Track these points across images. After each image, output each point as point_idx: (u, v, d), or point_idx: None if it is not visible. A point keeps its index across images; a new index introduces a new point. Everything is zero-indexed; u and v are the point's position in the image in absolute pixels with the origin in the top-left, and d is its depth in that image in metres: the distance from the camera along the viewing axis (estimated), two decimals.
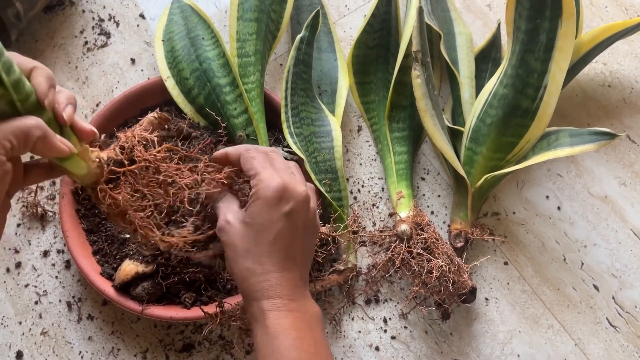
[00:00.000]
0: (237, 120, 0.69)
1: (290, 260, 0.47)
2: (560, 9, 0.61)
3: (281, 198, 0.46)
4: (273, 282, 0.46)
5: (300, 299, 0.47)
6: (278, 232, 0.46)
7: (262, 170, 0.46)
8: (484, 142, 0.69)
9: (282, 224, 0.46)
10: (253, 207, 0.46)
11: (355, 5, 0.84)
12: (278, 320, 0.45)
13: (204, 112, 0.71)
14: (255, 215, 0.46)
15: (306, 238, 0.49)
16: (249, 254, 0.46)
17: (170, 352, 0.67)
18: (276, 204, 0.45)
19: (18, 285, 0.69)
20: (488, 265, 0.72)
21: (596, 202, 0.74)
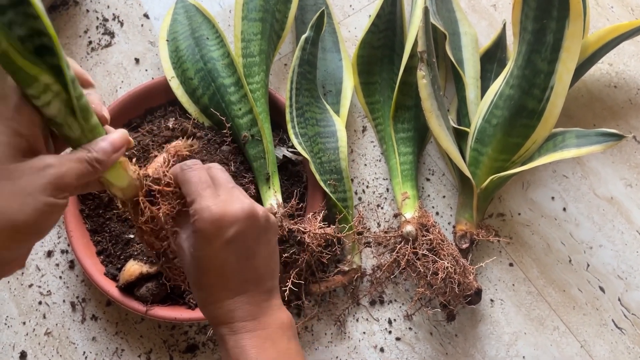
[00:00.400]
0: (241, 120, 0.68)
1: (243, 283, 0.45)
2: (567, 9, 0.61)
3: (220, 227, 0.43)
4: (226, 309, 0.45)
5: (259, 316, 0.46)
6: (223, 262, 0.44)
7: (197, 197, 0.43)
8: (489, 142, 0.69)
9: (226, 253, 0.44)
10: (194, 240, 0.44)
11: (360, 5, 0.84)
12: (236, 344, 0.44)
13: (208, 113, 0.71)
14: (198, 249, 0.44)
15: (261, 252, 0.46)
16: (199, 284, 0.45)
17: (174, 352, 0.66)
18: (216, 235, 0.43)
19: (22, 285, 0.69)
20: (493, 267, 0.71)
21: (602, 203, 0.74)
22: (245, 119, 0.68)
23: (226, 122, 0.68)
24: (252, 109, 0.68)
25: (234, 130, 0.69)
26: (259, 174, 0.67)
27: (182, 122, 0.70)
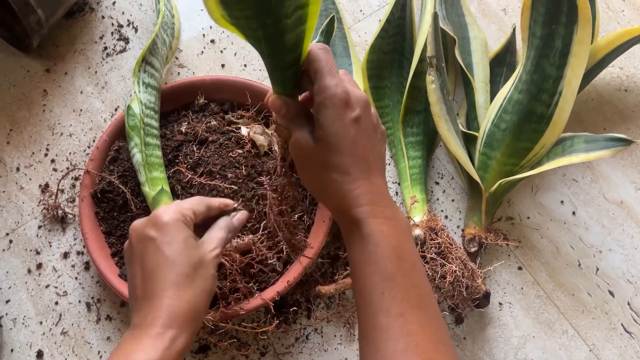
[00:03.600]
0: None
1: (373, 165, 0.46)
2: (576, 15, 0.61)
3: (346, 104, 0.45)
4: (364, 189, 0.45)
5: (392, 206, 0.46)
6: (354, 139, 0.45)
7: (326, 75, 0.45)
8: (498, 147, 0.69)
9: (354, 130, 0.45)
10: (322, 118, 0.45)
11: (370, 10, 0.84)
12: (377, 227, 0.44)
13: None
14: (326, 126, 0.44)
15: (378, 142, 0.48)
16: (330, 167, 0.45)
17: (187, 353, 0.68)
18: (343, 111, 0.44)
19: (39, 285, 0.71)
20: (502, 270, 0.72)
21: (612, 207, 0.74)
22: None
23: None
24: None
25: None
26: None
27: (194, 126, 0.71)
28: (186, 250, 0.48)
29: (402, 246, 0.44)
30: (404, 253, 0.44)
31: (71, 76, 0.80)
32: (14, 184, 0.75)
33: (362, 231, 0.44)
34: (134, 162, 0.67)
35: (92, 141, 0.77)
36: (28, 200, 0.74)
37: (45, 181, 0.75)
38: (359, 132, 0.45)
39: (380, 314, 0.42)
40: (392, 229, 0.44)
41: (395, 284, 0.42)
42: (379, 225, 0.44)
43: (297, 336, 0.68)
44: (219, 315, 0.61)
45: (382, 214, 0.44)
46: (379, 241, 0.43)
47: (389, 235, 0.44)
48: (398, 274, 0.43)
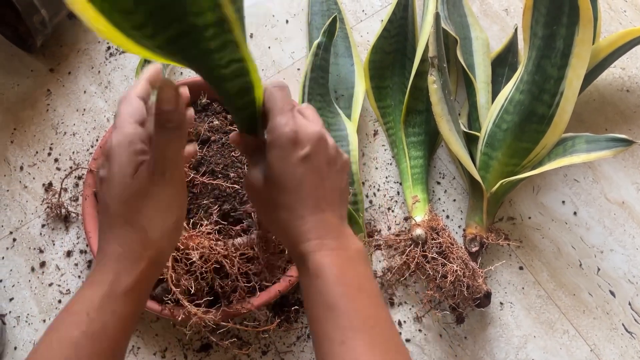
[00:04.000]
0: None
1: (321, 201, 0.46)
2: (577, 16, 0.61)
3: (295, 143, 0.45)
4: (308, 225, 0.45)
5: (339, 237, 0.46)
6: (300, 178, 0.45)
7: (276, 115, 0.45)
8: (499, 147, 0.69)
9: (301, 169, 0.45)
10: (270, 158, 0.45)
11: (372, 10, 0.85)
12: (320, 260, 0.45)
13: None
14: (273, 166, 0.45)
15: (333, 177, 0.47)
16: (278, 205, 0.46)
17: (189, 351, 0.68)
18: (291, 150, 0.45)
19: (42, 284, 0.71)
20: (503, 270, 0.72)
21: (613, 207, 0.74)
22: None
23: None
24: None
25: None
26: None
27: (197, 125, 0.72)
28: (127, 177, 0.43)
29: (346, 274, 0.45)
30: (347, 280, 0.44)
31: (75, 76, 0.81)
32: (18, 183, 0.75)
33: (307, 265, 0.45)
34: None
35: (95, 140, 0.77)
36: (32, 199, 0.75)
37: (49, 180, 0.75)
38: (307, 171, 0.45)
39: (325, 344, 0.43)
40: (336, 259, 0.45)
41: (338, 311, 0.43)
42: (323, 257, 0.45)
43: (299, 335, 0.68)
44: (220, 314, 0.62)
45: (327, 247, 0.45)
46: (321, 273, 0.44)
47: (332, 265, 0.44)
48: (340, 301, 0.43)
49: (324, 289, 0.44)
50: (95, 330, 0.39)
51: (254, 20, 0.83)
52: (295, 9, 0.84)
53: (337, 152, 0.48)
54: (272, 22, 0.83)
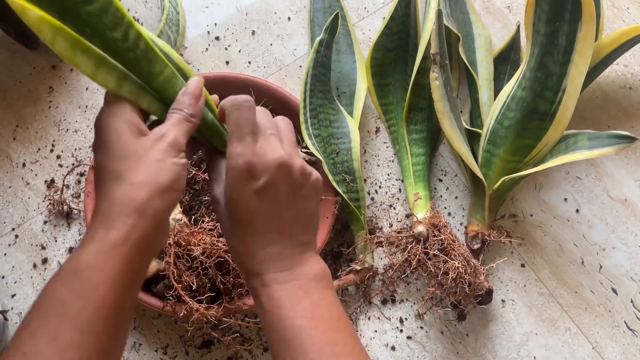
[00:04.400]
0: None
1: (274, 234, 0.44)
2: (579, 12, 0.61)
3: (250, 174, 0.43)
4: (258, 259, 0.44)
5: (292, 267, 0.44)
6: (253, 211, 0.43)
7: (234, 142, 0.43)
8: (501, 144, 0.69)
9: (256, 202, 0.43)
10: (226, 186, 0.44)
11: (375, 7, 0.85)
12: (270, 295, 0.43)
13: None
14: (228, 195, 0.44)
15: (296, 204, 0.45)
16: (232, 234, 0.45)
17: (190, 348, 0.68)
18: (245, 183, 0.43)
19: (44, 280, 0.71)
20: (505, 267, 0.72)
21: (616, 205, 0.74)
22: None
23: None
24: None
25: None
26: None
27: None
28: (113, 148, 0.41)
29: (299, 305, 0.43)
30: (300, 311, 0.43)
31: (77, 73, 0.81)
32: (20, 180, 0.75)
33: (259, 300, 0.44)
34: None
35: None
36: (34, 196, 0.75)
37: (51, 177, 0.76)
38: (260, 204, 0.43)
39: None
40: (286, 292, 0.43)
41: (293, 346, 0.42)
42: (271, 293, 0.43)
43: None
44: (222, 310, 0.62)
45: (276, 281, 0.44)
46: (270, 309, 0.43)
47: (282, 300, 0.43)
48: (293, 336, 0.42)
49: (277, 325, 0.43)
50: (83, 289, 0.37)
51: (255, 17, 0.83)
52: (297, 6, 0.84)
53: (304, 175, 0.45)
54: (274, 19, 0.83)
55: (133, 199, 0.39)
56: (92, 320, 0.37)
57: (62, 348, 0.36)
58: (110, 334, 0.38)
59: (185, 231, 0.62)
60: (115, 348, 0.39)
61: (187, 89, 0.44)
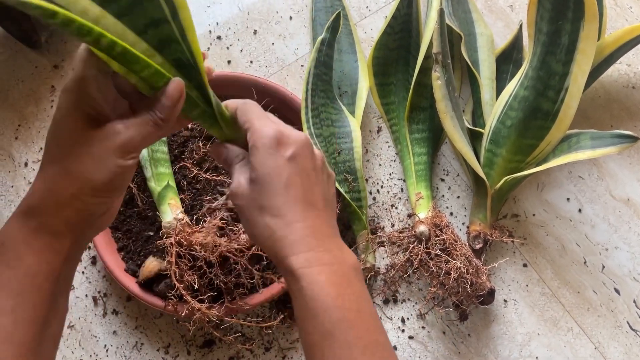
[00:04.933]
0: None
1: (311, 205, 0.42)
2: (582, 11, 0.61)
3: (279, 143, 0.42)
4: (299, 233, 0.41)
5: (333, 249, 0.42)
6: (288, 178, 0.42)
7: (255, 120, 0.43)
8: (504, 144, 0.69)
9: (288, 169, 0.42)
10: (254, 160, 0.42)
11: (377, 6, 0.84)
12: (313, 278, 0.40)
13: None
14: (258, 167, 0.42)
15: (321, 182, 0.44)
16: (264, 210, 0.42)
17: (192, 347, 0.68)
18: (276, 150, 0.42)
19: None
20: (507, 267, 0.72)
21: (618, 204, 0.74)
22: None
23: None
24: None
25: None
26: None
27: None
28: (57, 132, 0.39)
29: (343, 295, 0.40)
30: (345, 302, 0.40)
31: None
32: (22, 179, 0.76)
33: (299, 284, 0.40)
34: (139, 158, 0.67)
35: None
36: None
37: None
38: (294, 172, 0.42)
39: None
40: (331, 277, 0.41)
41: (335, 339, 0.39)
42: (316, 275, 0.40)
43: None
44: (223, 310, 0.62)
45: (320, 261, 0.41)
46: (316, 294, 0.40)
47: (327, 285, 0.40)
48: (338, 328, 0.39)
49: (320, 314, 0.40)
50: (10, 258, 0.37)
51: (257, 16, 0.83)
52: (299, 5, 0.84)
53: (324, 163, 0.46)
54: (276, 18, 0.83)
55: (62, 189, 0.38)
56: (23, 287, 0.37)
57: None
58: (45, 302, 0.38)
59: (187, 231, 0.62)
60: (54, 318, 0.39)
61: (167, 90, 0.39)
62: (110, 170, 0.38)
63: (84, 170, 0.38)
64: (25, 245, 0.37)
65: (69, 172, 0.38)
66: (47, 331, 0.38)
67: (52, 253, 0.38)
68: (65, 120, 0.38)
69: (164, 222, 0.64)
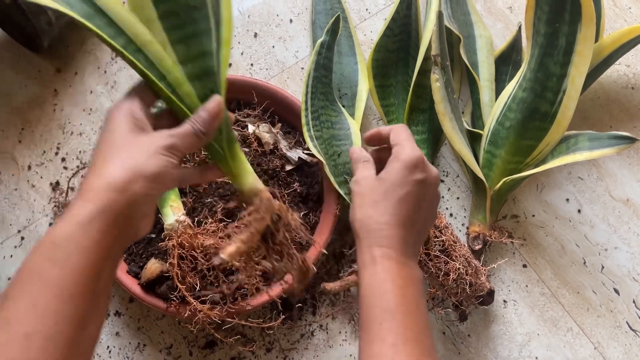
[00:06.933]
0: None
1: (410, 221, 0.51)
2: (579, 13, 0.61)
3: (416, 166, 0.52)
4: (390, 233, 0.50)
5: (409, 258, 0.51)
6: (407, 193, 0.51)
7: (406, 142, 0.54)
8: (502, 145, 0.69)
9: (412, 187, 0.52)
10: (390, 167, 0.53)
11: (376, 8, 0.85)
12: (387, 267, 0.48)
13: None
14: (391, 174, 0.52)
15: (428, 211, 0.54)
16: (375, 204, 0.51)
17: (194, 348, 0.69)
18: (412, 170, 0.52)
19: None
20: (507, 268, 0.72)
21: (618, 205, 0.74)
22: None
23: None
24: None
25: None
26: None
27: None
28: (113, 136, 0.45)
29: (408, 289, 0.48)
30: (409, 294, 0.48)
31: (81, 76, 0.82)
32: (26, 182, 0.76)
33: (374, 267, 0.49)
34: None
35: None
36: (39, 198, 0.76)
37: (56, 179, 0.76)
38: (414, 191, 0.52)
39: (375, 343, 0.45)
40: (401, 273, 0.49)
41: (394, 317, 0.46)
42: (390, 267, 0.49)
43: (303, 332, 0.69)
44: (225, 311, 0.62)
45: (396, 259, 0.49)
46: (386, 278, 0.48)
47: (397, 276, 0.48)
48: (399, 310, 0.47)
49: (386, 292, 0.47)
50: (59, 258, 0.39)
51: (258, 19, 0.84)
52: (299, 8, 0.84)
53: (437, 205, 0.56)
54: (276, 21, 0.84)
55: (115, 177, 0.41)
56: (68, 287, 0.38)
57: (42, 313, 0.37)
58: (87, 301, 0.39)
59: (189, 232, 0.63)
60: (94, 316, 0.41)
61: (207, 106, 0.47)
62: (158, 164, 0.43)
63: (137, 162, 0.43)
64: (73, 244, 0.39)
65: (124, 164, 0.42)
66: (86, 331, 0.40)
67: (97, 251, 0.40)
68: (119, 128, 0.44)
69: (166, 224, 0.64)
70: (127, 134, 0.44)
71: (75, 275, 0.39)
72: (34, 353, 0.36)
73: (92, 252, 0.40)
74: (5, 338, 0.36)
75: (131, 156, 0.43)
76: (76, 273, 0.39)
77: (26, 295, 0.38)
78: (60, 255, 0.39)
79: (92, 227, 0.40)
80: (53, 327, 0.37)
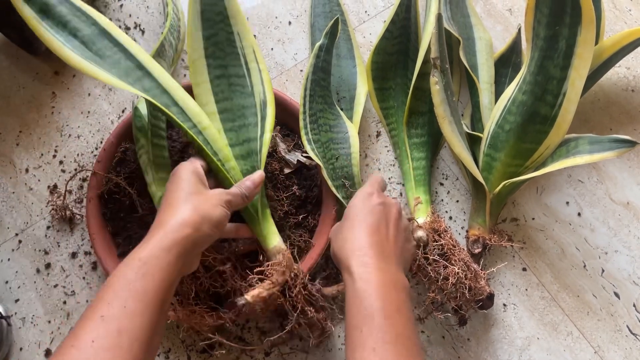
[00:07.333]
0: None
1: (378, 231, 0.56)
2: (579, 16, 0.61)
3: (374, 195, 0.60)
4: (362, 242, 0.55)
5: (389, 265, 0.54)
6: (368, 211, 0.57)
7: (369, 184, 0.63)
8: (502, 148, 0.69)
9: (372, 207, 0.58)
10: (351, 201, 0.60)
11: (375, 11, 0.85)
12: (365, 276, 0.51)
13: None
14: (352, 206, 0.59)
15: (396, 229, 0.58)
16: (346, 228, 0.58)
17: (192, 352, 0.68)
18: (368, 197, 0.59)
19: (47, 285, 0.72)
20: (506, 271, 0.71)
21: (618, 208, 0.74)
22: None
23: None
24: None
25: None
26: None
27: None
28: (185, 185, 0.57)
29: (388, 294, 0.50)
30: (388, 298, 0.50)
31: (79, 78, 0.82)
32: (23, 185, 0.76)
33: (352, 277, 0.52)
34: (140, 163, 0.68)
35: (99, 143, 0.78)
36: (37, 201, 0.75)
37: (54, 182, 0.76)
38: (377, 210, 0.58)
39: (357, 350, 0.48)
40: (381, 279, 0.51)
41: (373, 321, 0.48)
42: (367, 273, 0.52)
43: (301, 336, 0.68)
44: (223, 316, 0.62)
45: (373, 265, 0.52)
46: (364, 286, 0.51)
47: (375, 282, 0.51)
48: (377, 314, 0.49)
49: (365, 299, 0.50)
50: (146, 272, 0.48)
51: (256, 21, 0.83)
52: (298, 10, 0.84)
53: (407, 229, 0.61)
54: (275, 23, 0.83)
55: (190, 218, 0.53)
56: (150, 296, 0.47)
57: (131, 314, 0.46)
58: (160, 310, 0.48)
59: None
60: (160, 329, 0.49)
61: (253, 177, 0.62)
62: (221, 213, 0.56)
63: (206, 210, 0.55)
64: (158, 263, 0.49)
65: (196, 209, 0.54)
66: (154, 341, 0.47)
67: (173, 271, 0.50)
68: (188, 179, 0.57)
69: None
70: (195, 185, 0.57)
71: (157, 288, 0.48)
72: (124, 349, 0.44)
73: (170, 272, 0.50)
74: (104, 331, 0.44)
75: (200, 204, 0.55)
76: (157, 286, 0.48)
77: (118, 299, 0.46)
78: (147, 270, 0.48)
79: (172, 252, 0.50)
80: (138, 329, 0.45)
